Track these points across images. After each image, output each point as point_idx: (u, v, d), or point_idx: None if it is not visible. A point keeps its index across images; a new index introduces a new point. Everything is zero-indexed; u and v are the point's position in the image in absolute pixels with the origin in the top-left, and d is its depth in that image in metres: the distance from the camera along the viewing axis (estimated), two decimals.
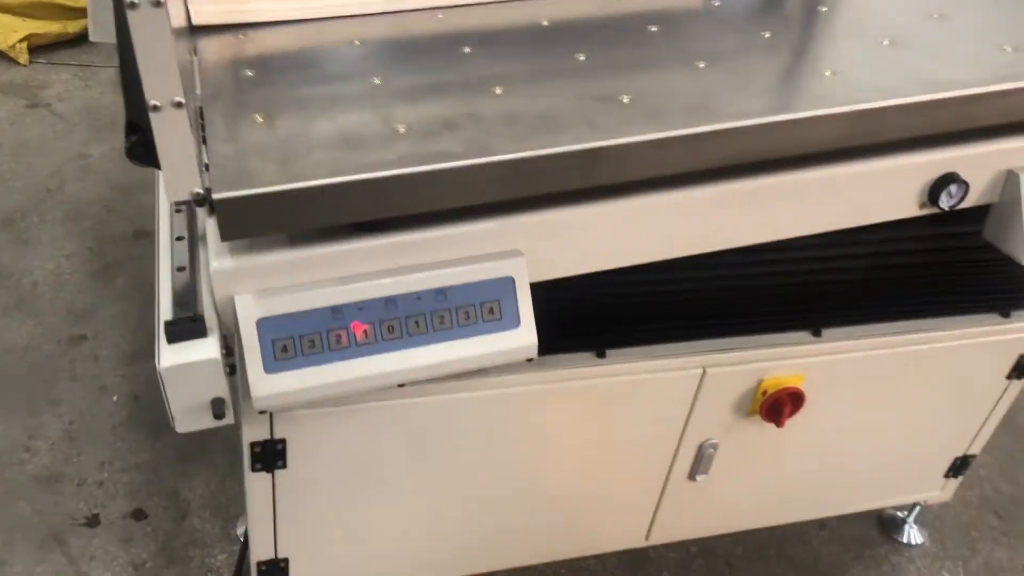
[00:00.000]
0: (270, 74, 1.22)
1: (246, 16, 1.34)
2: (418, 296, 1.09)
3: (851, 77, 1.19)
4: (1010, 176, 1.29)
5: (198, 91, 1.15)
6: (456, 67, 1.24)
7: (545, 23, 1.37)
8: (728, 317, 1.44)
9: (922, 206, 1.28)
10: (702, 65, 1.22)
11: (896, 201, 1.27)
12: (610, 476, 1.57)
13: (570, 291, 1.27)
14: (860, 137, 1.16)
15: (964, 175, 1.26)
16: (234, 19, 1.34)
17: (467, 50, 1.28)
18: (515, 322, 1.12)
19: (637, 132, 1.05)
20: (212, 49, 1.29)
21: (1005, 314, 1.59)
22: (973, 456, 1.83)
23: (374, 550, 1.52)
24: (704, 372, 1.45)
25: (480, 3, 1.42)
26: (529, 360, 1.15)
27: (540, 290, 1.16)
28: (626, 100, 1.13)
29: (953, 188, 1.26)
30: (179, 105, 0.89)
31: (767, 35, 1.31)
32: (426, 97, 1.15)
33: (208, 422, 1.04)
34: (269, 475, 1.34)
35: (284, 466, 1.34)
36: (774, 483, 1.72)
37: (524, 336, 1.13)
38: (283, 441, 1.31)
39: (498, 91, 1.15)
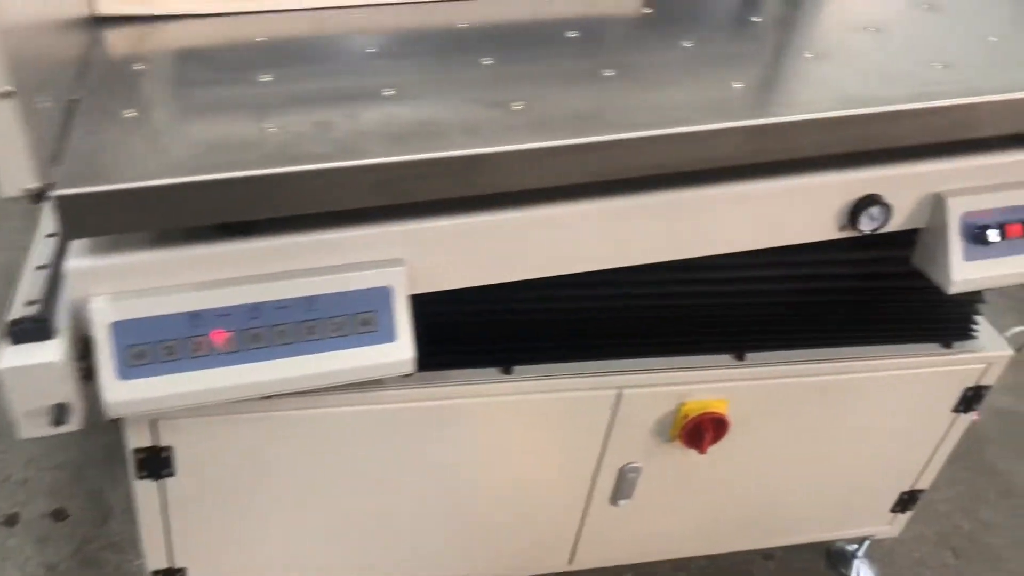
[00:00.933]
0: (161, 68, 1.18)
1: (154, 7, 1.30)
2: (285, 304, 1.04)
3: (760, 91, 1.13)
4: (937, 200, 1.22)
5: (74, 83, 1.11)
6: (355, 67, 1.19)
7: (463, 25, 1.32)
8: (646, 337, 1.39)
9: (842, 228, 1.22)
10: (609, 74, 1.16)
11: (813, 222, 1.20)
12: (526, 497, 1.51)
13: (476, 303, 1.22)
14: (766, 153, 1.10)
15: (887, 197, 1.19)
16: (141, 10, 1.30)
17: (372, 50, 1.23)
18: (391, 335, 1.07)
19: (515, 140, 0.99)
20: (113, 40, 1.25)
21: (947, 345, 1.52)
22: (921, 491, 1.76)
23: (275, 561, 1.47)
24: (620, 393, 1.39)
25: (403, 3, 1.37)
26: (407, 375, 1.10)
27: (442, 301, 1.11)
28: (518, 107, 1.07)
29: (875, 211, 1.20)
30: (8, 95, 0.84)
31: (688, 45, 1.25)
32: (311, 97, 1.10)
33: (50, 428, 0.99)
34: (157, 483, 1.30)
35: (172, 474, 1.29)
36: (706, 510, 1.65)
37: (400, 350, 1.07)
38: (169, 448, 1.27)
39: (387, 93, 1.10)
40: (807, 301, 1.41)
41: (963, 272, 1.22)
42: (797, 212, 1.19)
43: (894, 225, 1.23)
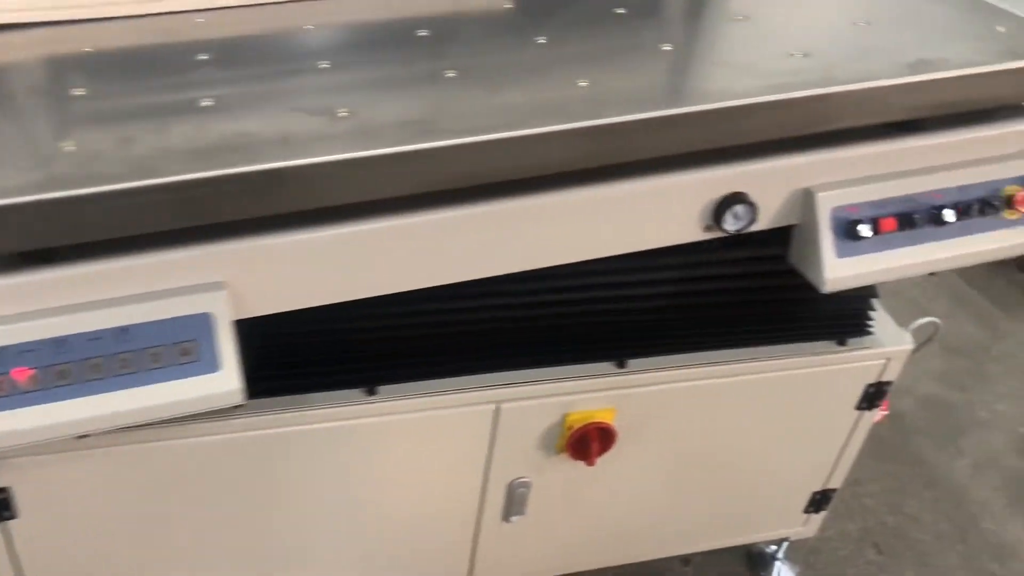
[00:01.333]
0: None
1: None
2: (95, 336, 0.96)
3: (605, 89, 1.07)
4: (806, 196, 1.17)
5: None
6: (177, 77, 1.11)
7: (309, 27, 1.24)
8: (521, 348, 1.32)
9: (707, 229, 1.16)
10: (451, 75, 1.10)
11: (676, 224, 1.14)
12: (412, 520, 1.45)
13: (332, 321, 1.15)
14: (612, 155, 1.04)
15: (752, 195, 1.14)
16: None
17: (203, 57, 1.15)
18: (214, 365, 0.99)
19: (328, 151, 0.92)
20: None
21: (842, 342, 1.47)
22: (834, 490, 1.71)
23: None
24: (498, 408, 1.33)
25: (248, 5, 1.30)
26: (239, 407, 1.03)
27: (295, 321, 1.04)
28: (343, 114, 1.00)
29: (739, 209, 1.14)
30: None
31: (541, 41, 1.19)
32: (123, 111, 1.03)
33: None
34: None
35: (14, 516, 1.22)
36: (607, 521, 1.59)
37: (226, 380, 1.00)
38: (7, 489, 1.19)
39: (205, 104, 1.03)
40: (690, 304, 1.35)
41: (836, 270, 1.17)
42: (658, 214, 1.13)
43: (764, 223, 1.17)
